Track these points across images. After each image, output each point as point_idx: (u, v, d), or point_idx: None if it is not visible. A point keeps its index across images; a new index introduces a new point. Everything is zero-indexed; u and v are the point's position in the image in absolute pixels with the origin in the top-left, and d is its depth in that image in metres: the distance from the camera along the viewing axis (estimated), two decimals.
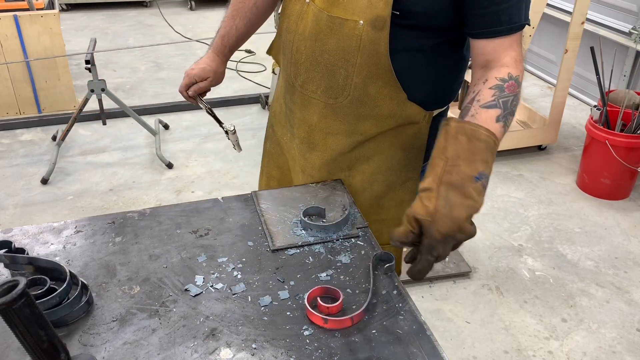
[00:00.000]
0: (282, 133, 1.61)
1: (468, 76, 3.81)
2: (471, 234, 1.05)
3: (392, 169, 1.42)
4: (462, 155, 1.06)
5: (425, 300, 2.63)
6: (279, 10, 1.45)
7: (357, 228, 1.32)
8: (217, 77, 1.59)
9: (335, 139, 1.41)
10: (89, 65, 3.44)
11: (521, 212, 3.33)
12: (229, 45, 1.56)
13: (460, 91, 4.02)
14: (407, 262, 1.13)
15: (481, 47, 1.20)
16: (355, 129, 1.37)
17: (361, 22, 1.20)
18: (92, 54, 3.46)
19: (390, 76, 1.25)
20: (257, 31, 1.60)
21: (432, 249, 1.05)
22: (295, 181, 1.61)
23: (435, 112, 1.39)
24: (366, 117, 1.34)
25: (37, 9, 4.28)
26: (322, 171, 1.47)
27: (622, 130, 3.27)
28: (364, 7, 1.19)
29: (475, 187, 1.05)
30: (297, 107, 1.43)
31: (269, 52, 1.59)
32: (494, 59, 1.18)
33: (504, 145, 3.81)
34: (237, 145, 1.66)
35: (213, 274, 1.17)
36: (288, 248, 1.25)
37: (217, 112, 1.66)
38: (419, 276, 1.09)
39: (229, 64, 5.77)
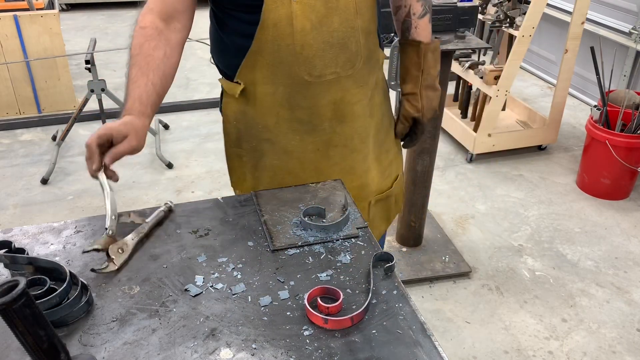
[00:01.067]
0: (287, 140, 1.56)
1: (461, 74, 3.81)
2: (435, 111, 1.64)
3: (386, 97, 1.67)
4: (430, 64, 1.54)
5: (425, 300, 2.63)
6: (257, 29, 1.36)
7: (357, 228, 1.32)
8: (139, 139, 1.25)
9: (360, 105, 1.53)
10: (89, 65, 3.45)
11: (521, 212, 3.33)
12: (149, 103, 1.31)
13: (460, 91, 4.01)
14: (404, 146, 1.74)
15: None
16: (368, 81, 1.52)
17: None
18: (92, 54, 3.46)
19: (375, 19, 1.49)
20: None
21: (423, 130, 1.65)
22: (311, 175, 1.62)
23: None
24: (374, 66, 1.51)
25: (37, 9, 4.28)
26: (354, 139, 1.57)
27: (622, 130, 3.27)
28: None
29: (437, 81, 1.59)
30: (317, 99, 1.46)
31: (237, 78, 1.46)
32: None
33: (504, 145, 3.81)
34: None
35: (213, 274, 1.17)
36: (288, 248, 1.25)
37: (217, 112, 1.63)
38: (414, 146, 1.74)
39: None
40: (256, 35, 1.35)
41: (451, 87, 4.12)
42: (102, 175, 1.22)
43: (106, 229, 1.21)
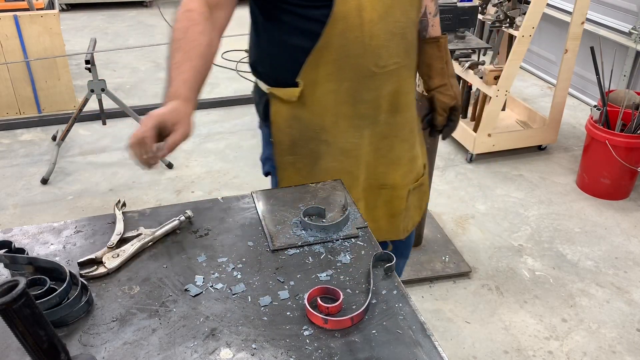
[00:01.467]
0: (346, 138, 1.54)
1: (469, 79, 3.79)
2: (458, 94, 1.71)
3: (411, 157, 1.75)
4: (449, 55, 1.65)
5: (425, 300, 2.63)
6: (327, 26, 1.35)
7: (357, 228, 1.32)
8: (189, 125, 1.23)
9: (411, 95, 1.61)
10: (89, 65, 3.44)
11: (521, 212, 3.33)
12: (194, 89, 1.29)
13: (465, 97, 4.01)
14: (444, 137, 1.78)
15: None
16: (415, 70, 1.63)
17: None
18: (92, 54, 3.46)
19: (418, 7, 1.53)
20: None
21: (459, 115, 1.71)
22: (362, 172, 1.64)
23: None
24: (417, 55, 1.61)
25: (37, 9, 4.28)
26: (405, 129, 1.64)
27: (622, 130, 3.27)
28: None
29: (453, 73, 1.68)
30: (379, 90, 1.50)
31: (299, 77, 1.44)
32: None
33: (504, 145, 3.81)
34: None
35: (213, 274, 1.17)
36: (288, 248, 1.25)
37: (218, 112, 1.62)
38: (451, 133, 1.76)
39: (229, 64, 5.76)
40: (325, 29, 1.36)
41: None
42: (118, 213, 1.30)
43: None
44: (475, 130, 3.77)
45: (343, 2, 1.34)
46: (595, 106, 3.42)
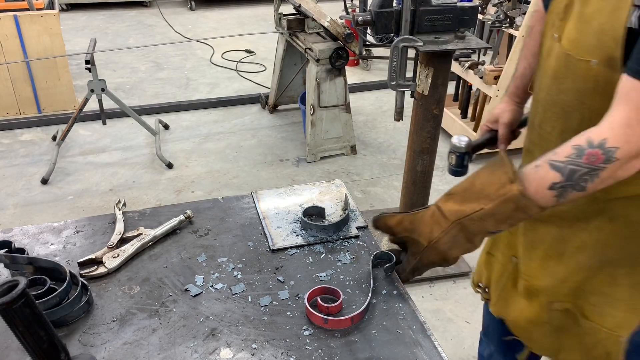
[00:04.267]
0: None
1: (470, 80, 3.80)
2: (452, 264, 1.10)
3: (637, 237, 1.11)
4: (499, 216, 1.01)
5: (425, 300, 2.63)
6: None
7: (357, 228, 1.32)
8: (505, 115, 1.42)
9: None
10: (89, 65, 3.44)
11: None
12: (523, 84, 1.41)
13: (460, 91, 4.01)
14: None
15: (620, 87, 0.97)
16: None
17: (593, 61, 1.02)
18: (92, 54, 3.46)
19: None
20: (258, 31, 1.56)
21: (415, 270, 1.12)
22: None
23: None
24: None
25: (37, 9, 4.28)
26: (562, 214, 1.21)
27: None
28: (594, 46, 1.02)
29: (483, 237, 1.06)
30: (537, 147, 1.25)
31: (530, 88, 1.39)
32: (610, 107, 0.96)
33: None
34: None
35: (213, 274, 1.17)
36: (288, 248, 1.25)
37: (218, 112, 1.62)
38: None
39: (229, 64, 5.75)
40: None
41: (451, 87, 4.12)
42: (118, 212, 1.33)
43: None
44: (475, 130, 3.77)
45: None
46: None
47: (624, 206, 1.04)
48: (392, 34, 2.38)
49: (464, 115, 4.13)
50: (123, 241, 1.23)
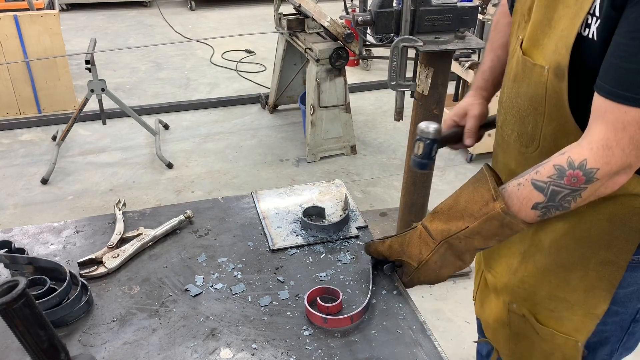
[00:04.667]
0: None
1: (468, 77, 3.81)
2: (444, 281, 1.12)
3: (589, 240, 1.09)
4: (484, 234, 1.02)
5: (425, 300, 2.63)
6: None
7: (357, 228, 1.32)
8: (475, 108, 1.30)
9: None
10: (89, 65, 3.44)
11: None
12: (492, 77, 1.34)
13: (460, 91, 4.02)
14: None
15: (594, 104, 0.95)
16: None
17: (547, 67, 1.01)
18: (92, 54, 3.46)
19: (578, 135, 1.00)
20: (258, 31, 1.55)
21: (410, 285, 1.15)
22: None
23: None
24: None
25: (37, 9, 4.28)
26: None
27: None
28: (551, 52, 1.01)
29: (473, 254, 1.08)
30: (500, 149, 1.26)
31: None
32: (588, 125, 0.95)
33: None
34: None
35: (213, 274, 1.17)
36: (288, 248, 1.25)
37: (218, 112, 1.61)
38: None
39: (229, 64, 5.74)
40: None
41: (451, 87, 4.12)
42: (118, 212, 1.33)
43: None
44: None
45: None
46: None
47: (578, 209, 1.03)
48: (392, 34, 2.38)
49: None
50: (123, 241, 1.24)
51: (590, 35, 0.92)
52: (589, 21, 0.91)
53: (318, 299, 1.08)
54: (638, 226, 1.04)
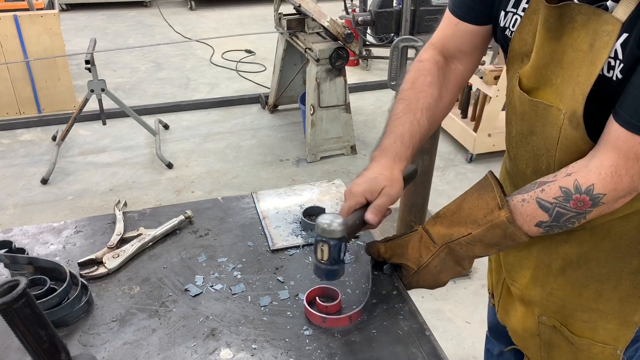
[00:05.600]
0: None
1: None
2: (443, 286, 1.11)
3: (620, 250, 1.07)
4: (486, 241, 1.01)
5: (425, 300, 2.63)
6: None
7: None
8: (395, 187, 1.09)
9: None
10: (89, 65, 3.44)
11: None
12: (411, 145, 1.14)
13: (460, 95, 4.02)
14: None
15: (606, 127, 0.92)
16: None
17: (563, 112, 0.97)
18: (92, 54, 3.46)
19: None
20: (258, 31, 1.53)
21: (409, 288, 1.14)
22: None
23: None
24: None
25: (37, 9, 4.28)
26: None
27: None
28: (568, 96, 0.96)
29: (472, 261, 1.06)
30: (517, 176, 1.21)
31: None
32: (597, 148, 0.93)
33: (504, 145, 3.81)
34: None
35: (213, 274, 1.17)
36: (288, 248, 1.25)
37: (218, 112, 1.61)
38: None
39: (229, 64, 5.74)
40: None
41: None
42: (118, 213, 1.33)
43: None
44: (475, 130, 3.77)
45: None
46: None
47: (605, 220, 1.03)
48: (392, 34, 2.38)
49: (464, 115, 4.13)
50: (123, 241, 1.24)
51: (614, 77, 0.90)
52: (612, 64, 0.89)
53: (317, 298, 1.08)
54: None
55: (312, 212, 1.35)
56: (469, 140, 3.79)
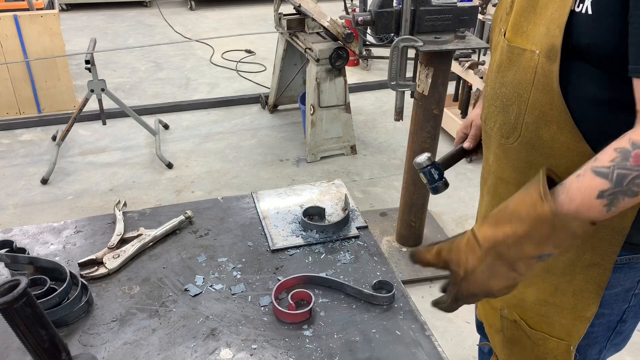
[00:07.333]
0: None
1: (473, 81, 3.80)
2: (500, 296, 0.99)
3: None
4: (536, 240, 0.90)
5: (425, 300, 2.63)
6: None
7: (357, 228, 1.32)
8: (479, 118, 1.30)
9: (505, 187, 1.18)
10: (89, 65, 3.44)
11: None
12: None
13: (460, 91, 4.01)
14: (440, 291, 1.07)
15: (637, 91, 0.91)
16: (525, 179, 1.02)
17: (537, 52, 1.00)
18: (92, 54, 3.46)
19: (565, 119, 1.01)
20: (258, 31, 1.54)
21: (458, 300, 1.02)
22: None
23: None
24: (539, 167, 1.01)
25: (37, 9, 4.28)
26: None
27: None
28: (542, 35, 1.00)
29: (528, 263, 0.94)
30: (485, 145, 1.26)
31: None
32: (637, 117, 0.90)
33: None
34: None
35: (213, 274, 1.17)
36: (288, 248, 1.25)
37: (218, 112, 1.61)
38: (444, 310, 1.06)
39: (229, 64, 5.72)
40: None
41: (451, 87, 4.12)
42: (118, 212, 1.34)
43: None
44: None
45: None
46: None
47: None
48: (392, 34, 2.38)
49: (464, 115, 4.13)
50: (123, 241, 1.24)
51: (583, 11, 0.91)
52: None
53: (290, 298, 1.08)
54: (619, 227, 1.03)
55: (312, 212, 1.35)
56: None
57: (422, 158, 1.29)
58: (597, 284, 1.09)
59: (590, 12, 0.91)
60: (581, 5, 0.92)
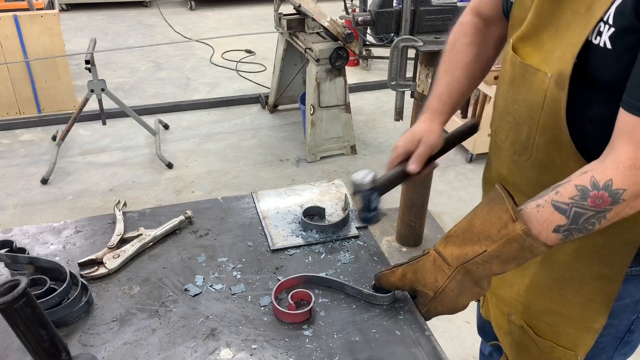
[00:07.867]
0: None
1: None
2: (462, 310, 1.06)
3: (583, 254, 1.08)
4: (504, 257, 0.94)
5: None
6: None
7: (357, 228, 1.32)
8: (432, 135, 1.21)
9: (520, 197, 1.10)
10: (89, 65, 3.44)
11: None
12: (449, 102, 1.25)
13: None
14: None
15: (619, 120, 0.90)
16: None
17: (549, 75, 0.97)
18: (92, 54, 3.46)
19: (569, 146, 0.99)
20: (258, 31, 1.54)
21: (427, 317, 1.08)
22: None
23: None
24: None
25: (37, 9, 4.28)
26: None
27: None
28: (556, 59, 0.96)
29: (490, 280, 1.00)
30: (493, 155, 1.23)
31: None
32: (611, 143, 0.89)
33: None
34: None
35: (213, 274, 1.17)
36: (288, 248, 1.25)
37: (218, 112, 1.61)
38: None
39: (229, 64, 5.74)
40: None
41: None
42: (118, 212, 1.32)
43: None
44: None
45: None
46: None
47: None
48: (392, 34, 2.38)
49: (464, 115, 4.13)
50: (123, 241, 1.24)
51: (602, 44, 0.88)
52: (601, 29, 0.88)
53: (290, 298, 1.08)
54: (630, 239, 1.02)
55: (312, 212, 1.35)
56: (469, 140, 3.79)
57: (366, 178, 1.09)
58: (606, 296, 1.08)
59: (609, 46, 0.87)
60: (598, 38, 0.89)
